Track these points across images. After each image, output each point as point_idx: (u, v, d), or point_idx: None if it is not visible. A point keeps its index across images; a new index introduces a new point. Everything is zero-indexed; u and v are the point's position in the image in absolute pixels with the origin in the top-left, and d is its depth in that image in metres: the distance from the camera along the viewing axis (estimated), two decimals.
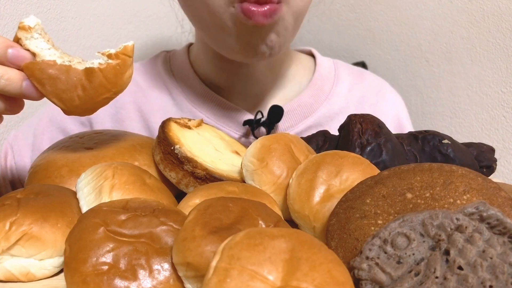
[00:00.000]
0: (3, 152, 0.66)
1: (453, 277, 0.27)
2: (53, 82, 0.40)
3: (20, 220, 0.36)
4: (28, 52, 0.41)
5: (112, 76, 0.42)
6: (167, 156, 0.47)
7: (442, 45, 0.87)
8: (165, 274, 0.32)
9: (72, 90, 0.41)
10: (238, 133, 0.68)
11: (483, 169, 0.51)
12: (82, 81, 0.41)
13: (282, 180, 0.44)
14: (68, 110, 0.42)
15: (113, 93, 0.42)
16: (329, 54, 0.82)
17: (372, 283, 0.29)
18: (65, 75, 0.40)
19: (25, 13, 0.75)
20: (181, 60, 0.71)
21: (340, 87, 0.73)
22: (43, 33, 0.41)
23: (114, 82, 0.42)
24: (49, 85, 0.40)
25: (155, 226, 0.34)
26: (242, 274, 0.26)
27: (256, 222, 0.34)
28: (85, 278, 0.31)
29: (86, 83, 0.41)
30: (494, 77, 0.81)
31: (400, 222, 0.30)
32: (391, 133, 0.50)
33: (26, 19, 0.41)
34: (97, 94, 0.41)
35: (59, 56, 0.41)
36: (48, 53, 0.41)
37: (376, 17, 0.97)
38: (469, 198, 0.34)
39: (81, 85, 0.41)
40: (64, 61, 0.41)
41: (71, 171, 0.47)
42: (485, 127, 0.83)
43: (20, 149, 0.65)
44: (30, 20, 0.41)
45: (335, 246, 0.34)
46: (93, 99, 0.42)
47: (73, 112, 0.42)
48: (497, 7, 0.78)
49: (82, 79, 0.41)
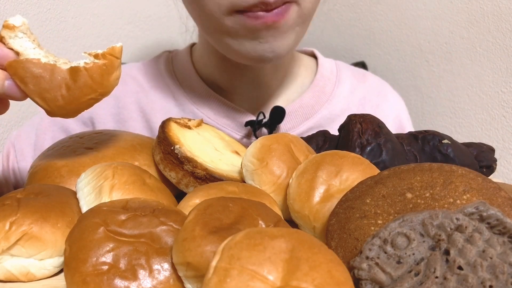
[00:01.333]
0: (5, 152, 0.66)
1: (453, 277, 0.27)
2: (36, 81, 0.39)
3: (20, 220, 0.36)
4: (11, 51, 0.39)
5: (98, 76, 0.40)
6: (167, 156, 0.47)
7: (442, 45, 0.87)
8: (165, 274, 0.32)
9: (56, 90, 0.39)
10: (240, 134, 0.68)
11: (483, 169, 0.51)
12: (67, 81, 0.39)
13: (282, 180, 0.44)
14: (51, 111, 0.40)
15: (98, 94, 0.41)
16: (329, 54, 0.82)
17: (372, 283, 0.29)
18: (49, 74, 0.39)
19: (25, 13, 0.75)
20: (184, 60, 0.71)
21: (341, 89, 0.73)
22: (28, 32, 0.40)
23: (99, 83, 0.40)
24: (32, 84, 0.39)
25: (155, 226, 0.34)
26: (242, 274, 0.26)
27: (256, 222, 0.34)
28: (85, 278, 0.31)
29: (70, 83, 0.39)
30: (494, 77, 0.81)
31: (400, 222, 0.30)
32: (391, 133, 0.50)
33: (12, 18, 0.40)
34: (82, 94, 0.40)
35: (44, 56, 0.40)
36: (33, 53, 0.40)
37: (376, 17, 0.97)
38: (469, 198, 0.34)
39: (66, 84, 0.39)
40: (49, 60, 0.40)
41: (71, 171, 0.47)
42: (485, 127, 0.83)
43: (22, 148, 0.65)
44: (16, 20, 0.40)
45: (335, 246, 0.34)
46: (78, 99, 0.40)
47: (56, 113, 0.41)
48: (497, 7, 0.78)
49: (67, 78, 0.39)
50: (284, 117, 0.64)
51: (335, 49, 1.07)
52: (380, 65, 0.99)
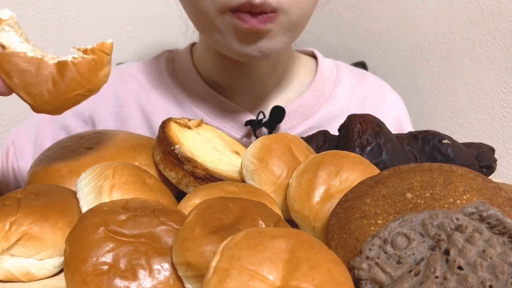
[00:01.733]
0: (4, 150, 0.65)
1: (453, 277, 0.27)
2: (22, 75, 0.38)
3: (20, 220, 0.36)
4: None
5: (86, 71, 0.39)
6: (167, 156, 0.47)
7: (442, 45, 0.87)
8: (165, 274, 0.32)
9: (42, 84, 0.38)
10: (240, 134, 0.68)
11: (483, 169, 0.51)
12: (54, 75, 0.38)
13: (282, 180, 0.44)
14: (37, 106, 0.39)
15: (86, 90, 0.39)
16: (329, 54, 0.82)
17: (372, 283, 0.29)
18: (36, 68, 0.38)
19: (25, 13, 0.75)
20: (184, 60, 0.71)
21: (341, 89, 0.73)
22: (16, 27, 0.40)
23: (87, 78, 0.39)
24: (17, 78, 0.38)
25: (155, 226, 0.34)
26: (242, 274, 0.26)
27: (256, 222, 0.34)
28: (85, 278, 0.31)
29: (57, 77, 0.38)
30: (494, 77, 0.81)
31: (400, 222, 0.30)
32: (391, 133, 0.50)
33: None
34: (68, 90, 0.39)
35: (31, 50, 0.39)
36: (19, 47, 0.38)
37: (376, 17, 0.97)
38: (469, 198, 0.34)
39: (52, 79, 0.38)
40: (36, 55, 0.38)
41: (71, 171, 0.47)
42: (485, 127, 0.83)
43: (21, 146, 0.65)
44: (3, 13, 0.39)
45: (335, 246, 0.34)
46: (64, 95, 0.39)
47: (42, 109, 0.39)
48: (497, 7, 0.78)
49: (54, 73, 0.38)
50: (284, 117, 0.64)
51: (335, 49, 1.07)
52: (380, 65, 0.99)
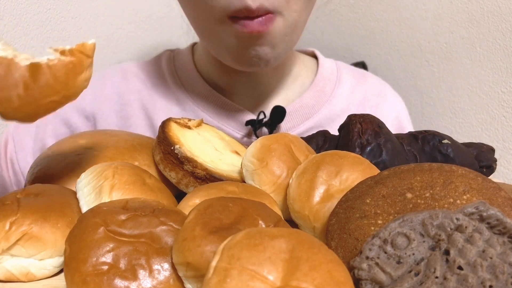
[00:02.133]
0: (3, 141, 0.65)
1: (453, 277, 0.27)
2: None
3: (20, 220, 0.36)
4: None
5: (63, 75, 0.34)
6: (167, 156, 0.47)
7: (442, 45, 0.87)
8: (165, 274, 0.32)
9: (11, 89, 0.33)
10: (240, 133, 0.68)
11: (483, 169, 0.51)
12: (25, 79, 0.33)
13: (282, 180, 0.44)
14: (5, 113, 0.34)
15: (62, 96, 0.35)
16: (329, 54, 0.82)
17: (372, 283, 0.29)
18: (5, 70, 0.33)
19: (25, 13, 0.75)
20: (185, 59, 0.71)
21: (341, 89, 0.73)
22: None
23: (64, 83, 0.34)
24: None
25: (155, 226, 0.34)
26: (242, 274, 0.26)
27: (256, 222, 0.34)
28: (85, 278, 0.31)
29: (29, 81, 0.33)
30: (494, 77, 0.81)
31: (400, 222, 0.30)
32: (391, 133, 0.50)
33: None
34: (41, 96, 0.34)
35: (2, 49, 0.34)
36: None
37: (376, 17, 0.97)
38: (469, 198, 0.34)
39: (24, 83, 0.33)
40: (7, 54, 0.33)
41: (71, 171, 0.47)
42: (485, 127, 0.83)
43: (21, 139, 0.65)
44: None
45: (335, 246, 0.34)
46: (37, 101, 0.34)
47: (10, 116, 0.34)
48: (497, 7, 0.78)
49: (26, 76, 0.33)
50: (284, 117, 0.64)
51: (335, 49, 1.07)
52: (380, 65, 0.99)
